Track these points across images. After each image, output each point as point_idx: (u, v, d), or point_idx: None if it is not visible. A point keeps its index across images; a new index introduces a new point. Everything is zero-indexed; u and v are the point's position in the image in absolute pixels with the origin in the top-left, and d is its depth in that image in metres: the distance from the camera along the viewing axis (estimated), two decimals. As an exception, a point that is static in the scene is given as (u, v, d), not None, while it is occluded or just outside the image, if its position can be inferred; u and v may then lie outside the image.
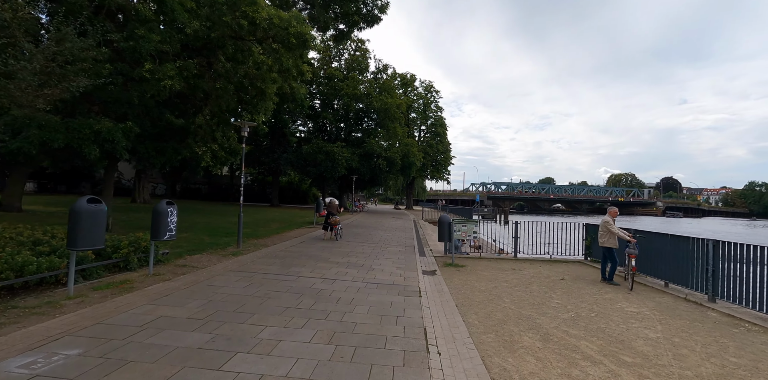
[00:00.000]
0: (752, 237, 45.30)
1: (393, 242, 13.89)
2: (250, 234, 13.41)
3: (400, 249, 11.90)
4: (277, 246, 11.09)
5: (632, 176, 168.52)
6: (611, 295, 6.99)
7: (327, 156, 32.89)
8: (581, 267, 10.00)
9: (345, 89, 34.74)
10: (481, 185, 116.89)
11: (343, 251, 10.83)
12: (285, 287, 6.34)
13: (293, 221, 20.69)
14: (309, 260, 9.05)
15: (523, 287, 7.42)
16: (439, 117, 53.94)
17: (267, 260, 8.78)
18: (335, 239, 13.34)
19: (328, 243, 12.54)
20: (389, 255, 10.63)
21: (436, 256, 11.04)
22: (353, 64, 38.36)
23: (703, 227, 65.43)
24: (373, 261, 9.37)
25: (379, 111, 35.71)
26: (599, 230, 8.28)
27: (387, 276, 7.67)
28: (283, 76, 10.95)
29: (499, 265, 9.91)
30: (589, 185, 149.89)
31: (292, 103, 23.48)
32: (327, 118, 37.24)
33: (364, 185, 45.47)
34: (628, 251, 7.62)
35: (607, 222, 8.06)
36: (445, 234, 9.86)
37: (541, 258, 11.17)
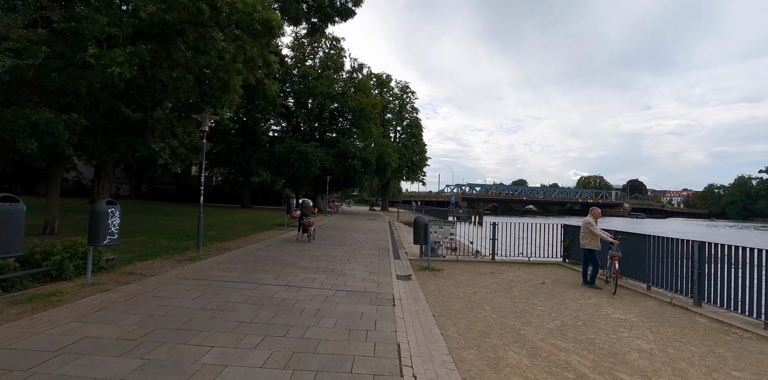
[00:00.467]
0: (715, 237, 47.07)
1: (367, 245, 13.30)
2: (215, 237, 12.55)
3: (374, 253, 11.32)
4: (241, 250, 10.31)
5: (600, 178, 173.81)
6: (595, 300, 6.63)
7: (300, 156, 31.99)
8: (561, 270, 9.68)
9: (319, 88, 33.93)
10: (456, 187, 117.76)
11: (313, 255, 10.16)
12: (243, 297, 5.64)
13: (263, 223, 19.80)
14: (275, 265, 8.35)
15: (503, 292, 6.97)
16: (414, 118, 53.76)
17: (228, 265, 8.02)
18: (308, 241, 12.96)
19: (298, 245, 11.83)
20: (362, 258, 10.04)
21: (411, 259, 10.52)
22: (328, 62, 37.62)
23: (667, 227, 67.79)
24: (345, 266, 8.75)
25: (355, 110, 35.08)
26: (581, 231, 7.95)
27: (359, 283, 7.08)
28: (249, 66, 10.18)
29: (476, 268, 9.47)
30: (560, 187, 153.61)
31: (263, 100, 22.57)
32: (301, 118, 36.31)
33: (338, 186, 44.71)
34: (610, 253, 7.30)
35: (590, 223, 7.73)
36: (420, 236, 9.35)
37: (519, 261, 10.82)
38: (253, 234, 14.36)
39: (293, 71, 36.87)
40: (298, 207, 14.43)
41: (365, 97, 35.67)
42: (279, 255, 9.69)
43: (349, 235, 16.09)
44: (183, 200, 40.50)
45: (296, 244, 12.14)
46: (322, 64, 37.76)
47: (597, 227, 7.67)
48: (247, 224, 18.52)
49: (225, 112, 10.63)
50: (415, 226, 9.57)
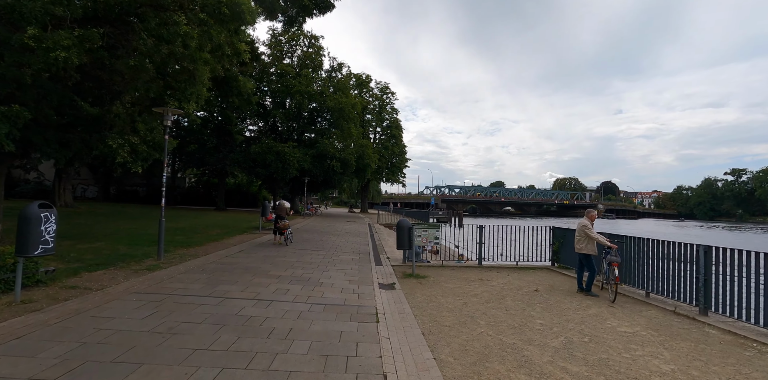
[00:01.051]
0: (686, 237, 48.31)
1: (346, 249, 12.57)
2: (182, 243, 11.59)
3: (354, 258, 10.61)
4: (209, 257, 9.42)
5: (576, 180, 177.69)
6: (595, 310, 6.11)
7: (277, 156, 30.96)
8: (551, 275, 9.20)
9: (297, 87, 32.94)
10: (435, 188, 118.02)
11: (288, 261, 9.36)
12: (202, 315, 4.85)
13: (237, 226, 18.80)
14: (244, 274, 7.54)
15: (496, 302, 6.38)
16: (394, 119, 53.27)
17: (191, 275, 7.16)
18: (285, 244, 12.44)
19: (272, 251, 11.01)
20: (341, 265, 9.31)
21: (394, 265, 9.85)
22: (306, 61, 36.67)
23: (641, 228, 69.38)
24: (322, 274, 8.01)
25: (334, 110, 34.25)
26: (576, 235, 7.45)
27: (337, 294, 6.36)
28: (216, 55, 9.33)
29: (464, 275, 8.89)
30: (537, 189, 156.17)
31: (237, 97, 21.56)
32: (278, 117, 35.23)
33: (317, 187, 43.74)
34: (609, 259, 6.81)
35: (585, 226, 7.23)
36: (404, 241, 8.70)
37: (507, 266, 10.31)
38: (224, 239, 13.42)
39: (270, 69, 35.80)
40: (276, 210, 13.74)
41: (344, 97, 34.90)
42: (250, 263, 8.86)
43: (327, 239, 15.32)
44: (155, 202, 38.70)
45: (270, 250, 11.30)
46: (301, 62, 36.78)
47: (593, 230, 7.19)
48: (220, 227, 17.50)
49: (191, 106, 9.73)
50: (398, 231, 8.91)
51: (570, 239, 9.63)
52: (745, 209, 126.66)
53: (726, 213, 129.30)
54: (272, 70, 35.71)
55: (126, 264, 7.95)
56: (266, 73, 35.34)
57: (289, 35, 36.52)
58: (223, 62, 10.11)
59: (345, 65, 39.90)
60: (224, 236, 14.29)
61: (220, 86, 20.95)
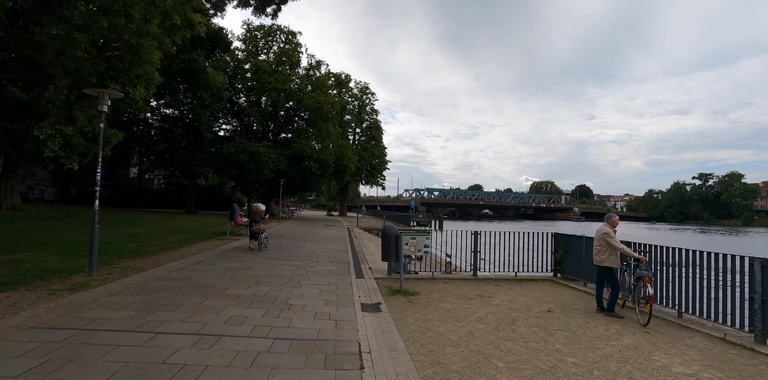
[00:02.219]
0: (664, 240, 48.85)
1: (323, 257, 11.19)
2: (132, 252, 9.96)
3: (332, 269, 9.24)
4: (158, 270, 7.88)
5: (552, 184, 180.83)
6: (630, 339, 4.95)
7: (251, 156, 29.23)
8: (558, 289, 8.07)
9: (273, 84, 31.31)
10: (414, 191, 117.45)
11: (253, 275, 7.92)
12: (111, 366, 3.41)
13: (204, 231, 17.10)
14: (194, 294, 6.08)
15: (508, 330, 5.15)
16: (374, 120, 52.03)
17: (123, 298, 5.66)
18: (259, 249, 11.86)
19: (236, 261, 9.52)
20: (317, 278, 7.94)
21: (377, 278, 8.53)
22: (283, 57, 35.03)
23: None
24: (292, 292, 6.62)
25: (311, 109, 32.75)
26: (595, 244, 6.31)
27: (309, 322, 5.00)
28: (165, 28, 7.82)
29: (459, 289, 7.66)
30: (515, 192, 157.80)
31: (205, 90, 19.85)
32: (253, 116, 33.44)
33: (294, 190, 42.01)
34: (639, 273, 5.68)
35: (607, 234, 6.10)
36: (391, 251, 7.40)
37: (505, 277, 9.14)
38: (183, 247, 11.81)
39: (245, 66, 34.04)
40: (250, 214, 12.88)
41: (323, 96, 33.46)
42: (206, 278, 7.38)
43: (302, 246, 13.86)
44: (118, 205, 36.27)
45: (234, 260, 9.80)
46: (277, 58, 35.11)
47: (617, 239, 6.06)
48: (183, 233, 15.79)
49: (139, 92, 8.18)
50: (383, 239, 7.61)
51: (576, 247, 8.56)
52: (711, 212, 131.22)
53: (694, 216, 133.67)
54: (247, 67, 33.98)
55: (45, 282, 6.37)
56: (240, 70, 33.57)
57: (265, 30, 34.89)
58: (174, 36, 8.60)
59: (323, 63, 38.41)
60: (185, 243, 12.66)
61: (187, 78, 19.25)
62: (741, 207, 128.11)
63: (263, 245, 12.14)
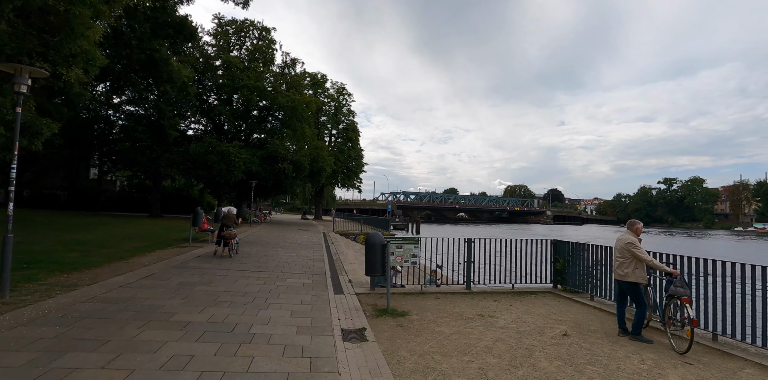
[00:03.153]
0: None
1: (296, 267, 9.99)
2: (69, 264, 8.49)
3: (306, 282, 8.07)
4: (94, 288, 6.52)
5: (525, 187, 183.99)
6: (675, 374, 4.04)
7: (221, 157, 27.61)
8: (563, 303, 7.17)
9: (245, 81, 29.74)
10: (390, 194, 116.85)
11: (212, 292, 6.67)
12: None
13: (164, 237, 15.55)
14: (130, 322, 4.81)
15: (527, 365, 4.15)
16: (351, 121, 50.86)
17: (31, 331, 4.34)
18: (229, 256, 11.26)
19: (194, 274, 8.21)
20: (288, 295, 6.76)
21: (359, 293, 7.42)
22: (256, 54, 33.50)
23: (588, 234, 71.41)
24: (258, 314, 5.44)
25: (286, 108, 31.32)
26: (616, 256, 5.42)
27: (275, 361, 3.85)
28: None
29: (454, 307, 6.64)
30: (489, 196, 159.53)
31: (168, 84, 18.27)
32: (224, 115, 31.72)
33: (267, 192, 40.29)
34: (674, 291, 4.80)
35: (632, 243, 5.20)
36: (377, 263, 6.32)
37: (500, 289, 8.20)
38: (135, 257, 10.36)
39: (216, 62, 32.30)
40: (221, 218, 12.00)
41: (298, 95, 32.11)
42: (152, 297, 6.09)
43: (273, 254, 12.58)
44: (77, 208, 33.60)
45: (192, 272, 8.48)
46: (250, 55, 33.55)
47: (643, 250, 5.18)
48: (140, 240, 14.21)
49: (75, 72, 6.82)
50: (368, 250, 6.52)
51: (579, 256, 7.72)
52: (675, 215, 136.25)
53: (659, 219, 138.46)
54: (218, 63, 32.26)
55: (-65, 307, 4.96)
56: (210, 66, 31.83)
57: (237, 25, 33.31)
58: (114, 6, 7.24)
59: (299, 61, 37.10)
60: (138, 252, 11.18)
61: (148, 70, 17.65)
62: (702, 210, 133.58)
63: (234, 251, 11.55)
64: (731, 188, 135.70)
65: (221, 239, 11.34)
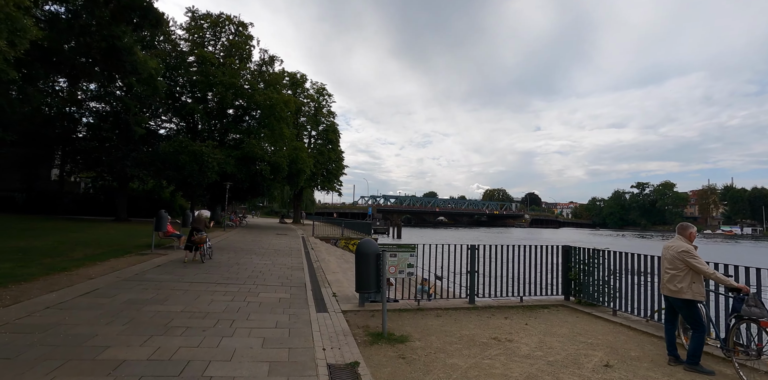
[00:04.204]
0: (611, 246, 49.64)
1: (272, 278, 8.75)
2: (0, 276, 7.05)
3: (283, 296, 6.87)
4: (11, 310, 5.14)
5: (503, 191, 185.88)
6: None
7: (193, 157, 25.96)
8: (584, 320, 6.19)
9: (220, 77, 28.18)
10: (371, 198, 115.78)
11: (165, 313, 5.40)
12: None
13: (125, 243, 13.99)
14: (41, 363, 3.53)
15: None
16: (331, 122, 49.53)
17: None
18: (202, 261, 10.57)
19: (149, 288, 6.89)
20: (260, 315, 5.56)
21: (346, 311, 6.26)
22: (232, 50, 31.93)
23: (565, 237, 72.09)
24: (218, 345, 4.23)
25: (263, 107, 29.88)
26: (665, 268, 4.45)
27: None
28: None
29: (461, 327, 5.57)
30: (469, 199, 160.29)
31: (132, 75, 16.68)
32: (197, 113, 30.00)
33: (243, 195, 38.51)
34: (747, 311, 3.86)
35: (688, 252, 4.25)
36: (370, 277, 5.18)
37: (507, 303, 7.18)
38: (83, 267, 8.90)
39: (189, 58, 30.58)
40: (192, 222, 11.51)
41: (276, 93, 30.72)
42: (85, 322, 4.79)
43: (246, 262, 11.27)
44: (37, 211, 31.05)
45: (146, 287, 7.14)
46: (226, 51, 31.96)
47: (702, 260, 4.23)
48: (96, 246, 12.65)
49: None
50: (359, 261, 5.37)
51: (597, 264, 6.78)
52: (648, 219, 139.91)
53: (633, 222, 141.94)
54: (191, 59, 30.55)
55: None
56: (183, 62, 30.08)
57: (212, 19, 31.68)
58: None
59: (277, 59, 35.60)
60: (89, 261, 9.71)
61: (110, 60, 16.06)
62: (673, 214, 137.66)
63: (206, 256, 10.90)
64: (700, 192, 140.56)
65: (191, 244, 10.67)
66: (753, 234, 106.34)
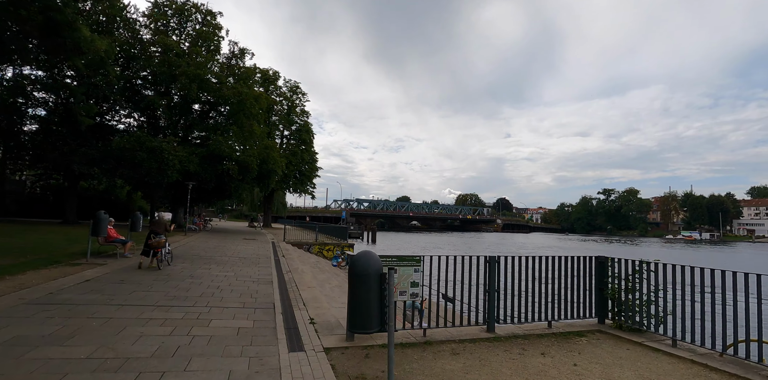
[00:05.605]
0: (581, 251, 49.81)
1: (232, 295, 6.96)
2: None
3: (243, 325, 5.13)
4: None
5: (476, 196, 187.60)
6: None
7: (152, 154, 23.53)
8: (640, 355, 4.75)
9: (184, 67, 25.84)
10: (344, 202, 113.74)
11: (59, 363, 3.58)
12: None
13: (59, 251, 11.79)
14: None
15: None
16: (305, 122, 47.43)
17: None
18: (159, 267, 9.63)
19: (55, 317, 5.00)
20: (205, 359, 3.82)
21: (330, 348, 4.59)
22: (199, 41, 29.58)
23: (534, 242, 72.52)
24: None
25: (232, 103, 27.72)
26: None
27: None
28: None
29: (494, 373, 4.03)
30: (442, 204, 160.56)
31: (74, 54, 14.38)
32: (159, 107, 27.48)
33: (209, 196, 35.91)
34: None
35: None
36: (372, 309, 3.48)
37: (533, 329, 5.69)
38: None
39: (151, 48, 28.02)
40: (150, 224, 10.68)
41: (246, 88, 28.58)
42: None
43: (203, 273, 9.36)
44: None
45: (52, 313, 5.23)
46: (192, 41, 29.57)
47: None
48: (18, 255, 10.42)
49: None
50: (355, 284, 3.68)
51: (642, 279, 5.41)
52: (614, 224, 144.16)
53: (599, 227, 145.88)
54: (154, 49, 28.00)
55: None
56: (145, 52, 27.50)
57: (177, 5, 29.27)
58: None
59: (248, 52, 33.39)
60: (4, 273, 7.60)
61: (48, 37, 13.78)
62: (637, 219, 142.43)
63: (165, 262, 10.08)
64: (662, 199, 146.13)
65: (148, 248, 9.77)
66: (711, 240, 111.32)
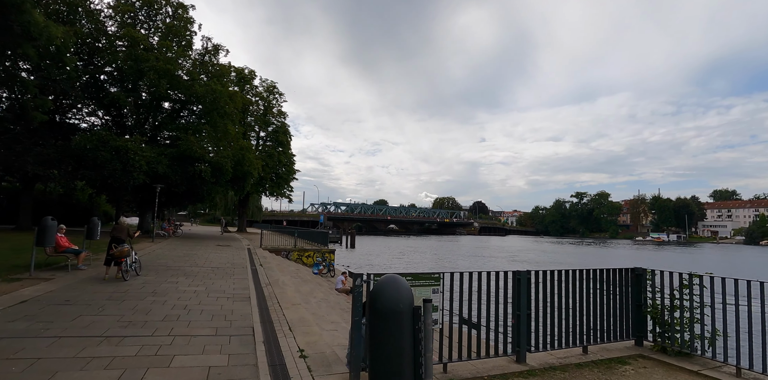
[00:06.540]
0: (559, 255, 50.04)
1: (201, 317, 5.79)
2: None
3: (214, 363, 4.02)
4: None
5: (453, 199, 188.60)
6: None
7: (115, 154, 21.76)
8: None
9: (152, 62, 24.12)
10: (321, 205, 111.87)
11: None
12: None
13: (1, 263, 10.24)
14: None
15: None
16: (282, 123, 45.85)
17: None
18: (124, 279, 8.68)
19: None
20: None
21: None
22: (169, 36, 27.85)
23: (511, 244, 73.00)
24: None
25: (204, 101, 26.12)
26: None
27: None
28: None
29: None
30: (419, 207, 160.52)
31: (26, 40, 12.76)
32: (125, 105, 25.61)
33: (179, 200, 33.88)
34: None
35: None
36: (405, 359, 2.50)
37: (568, 358, 4.79)
38: None
39: (117, 42, 26.13)
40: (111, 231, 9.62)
41: (219, 85, 27.04)
42: None
43: (168, 288, 8.09)
44: None
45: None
46: (162, 35, 27.81)
47: None
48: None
49: None
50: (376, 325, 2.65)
51: (689, 294, 4.60)
52: (586, 226, 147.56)
53: (572, 229, 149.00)
54: (120, 43, 26.12)
55: None
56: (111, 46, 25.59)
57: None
58: None
59: (222, 48, 31.70)
60: None
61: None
62: (608, 222, 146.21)
63: (132, 273, 9.19)
64: (631, 202, 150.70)
65: (111, 258, 8.93)
66: (678, 241, 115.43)
